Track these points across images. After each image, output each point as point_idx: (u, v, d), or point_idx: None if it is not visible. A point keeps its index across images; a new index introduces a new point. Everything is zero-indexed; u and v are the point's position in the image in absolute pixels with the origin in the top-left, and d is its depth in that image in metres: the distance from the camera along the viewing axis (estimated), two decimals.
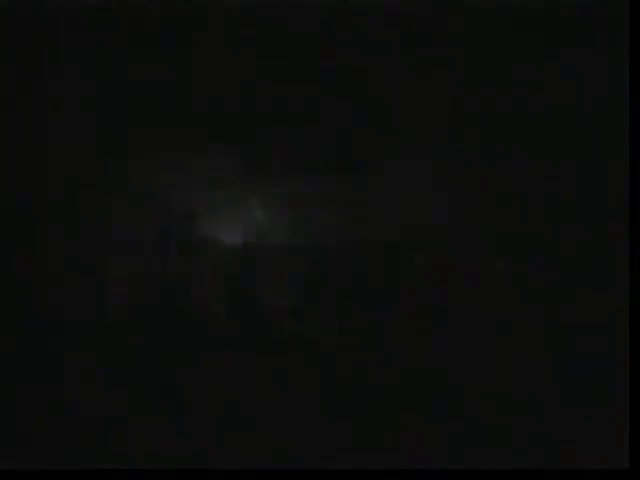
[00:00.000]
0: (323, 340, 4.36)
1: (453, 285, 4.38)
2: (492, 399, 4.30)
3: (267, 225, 4.48)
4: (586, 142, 4.44)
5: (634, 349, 3.72)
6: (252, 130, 4.47)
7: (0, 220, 4.39)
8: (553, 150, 4.46)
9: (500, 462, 4.15)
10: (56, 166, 4.43)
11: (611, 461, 4.03)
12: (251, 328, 4.38)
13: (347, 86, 4.47)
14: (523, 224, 4.42)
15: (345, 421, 4.28)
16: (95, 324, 4.35)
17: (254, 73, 4.48)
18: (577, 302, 4.35)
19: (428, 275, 4.39)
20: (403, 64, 4.46)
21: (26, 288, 4.36)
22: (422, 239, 4.40)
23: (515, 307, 4.37)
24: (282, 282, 4.43)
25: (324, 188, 4.46)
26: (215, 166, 4.49)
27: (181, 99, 4.47)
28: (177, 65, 4.46)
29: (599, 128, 4.43)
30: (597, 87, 4.44)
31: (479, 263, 4.40)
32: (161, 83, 4.47)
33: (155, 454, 4.17)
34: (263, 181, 4.50)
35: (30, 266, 4.37)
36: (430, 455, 4.20)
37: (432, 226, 4.42)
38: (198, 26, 4.42)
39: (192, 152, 4.48)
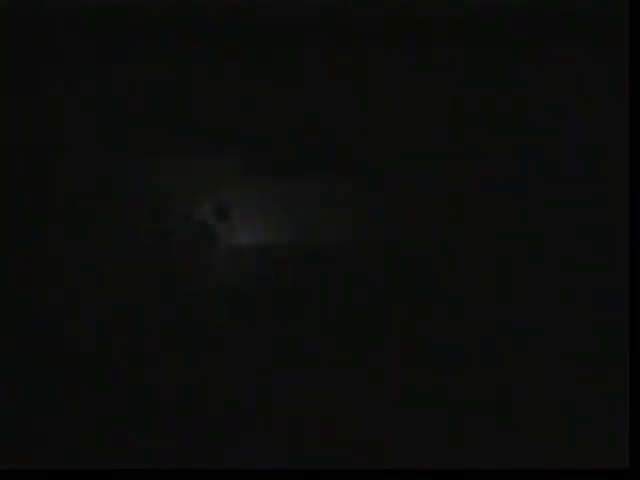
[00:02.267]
0: (322, 340, 4.37)
1: (453, 285, 4.39)
2: (490, 399, 4.30)
3: (267, 225, 4.48)
4: (586, 142, 4.44)
5: (634, 349, 3.72)
6: (252, 130, 4.48)
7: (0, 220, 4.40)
8: (552, 150, 4.46)
9: (499, 462, 4.16)
10: (55, 166, 4.44)
11: (611, 461, 4.04)
12: (250, 328, 4.38)
13: (347, 86, 4.47)
14: (523, 224, 4.43)
15: (344, 421, 4.28)
16: (95, 324, 4.36)
17: (254, 73, 4.48)
18: (577, 302, 4.35)
19: (428, 275, 4.40)
20: (403, 64, 4.47)
21: (26, 288, 4.37)
22: (422, 239, 4.41)
23: (514, 307, 4.37)
24: (281, 282, 4.44)
25: (324, 188, 4.47)
26: (215, 166, 4.49)
27: (181, 99, 4.48)
28: (177, 65, 4.47)
29: (599, 128, 4.44)
30: (597, 87, 4.45)
31: (479, 263, 4.40)
32: (161, 83, 4.47)
33: (155, 454, 4.18)
34: (263, 181, 4.50)
35: (30, 266, 4.38)
36: (429, 455, 4.20)
37: (432, 226, 4.43)
38: (198, 26, 4.43)
39: (192, 152, 4.48)
